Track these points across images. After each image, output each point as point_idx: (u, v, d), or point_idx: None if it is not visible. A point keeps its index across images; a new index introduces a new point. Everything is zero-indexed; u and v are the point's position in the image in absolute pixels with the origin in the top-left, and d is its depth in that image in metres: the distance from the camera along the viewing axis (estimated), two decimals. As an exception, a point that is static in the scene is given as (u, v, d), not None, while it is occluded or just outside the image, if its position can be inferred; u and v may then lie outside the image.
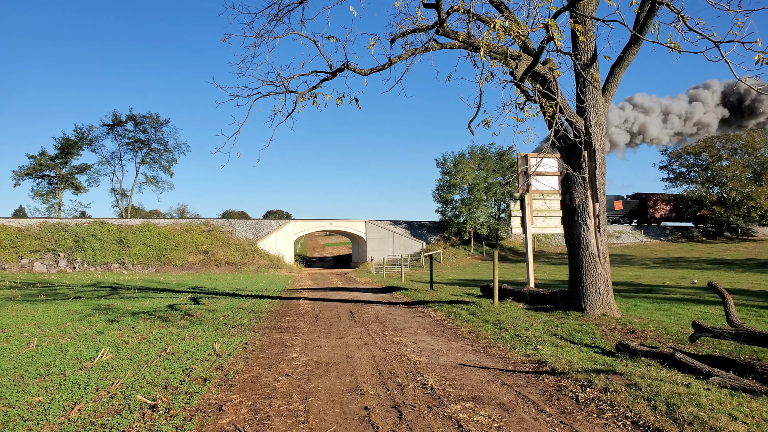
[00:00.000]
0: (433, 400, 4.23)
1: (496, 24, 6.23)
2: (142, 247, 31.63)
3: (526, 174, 11.77)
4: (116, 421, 3.63)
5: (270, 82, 8.85)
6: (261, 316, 9.39)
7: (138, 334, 7.15)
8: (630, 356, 5.41)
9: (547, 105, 7.25)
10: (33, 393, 4.26)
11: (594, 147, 8.66)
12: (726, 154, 46.90)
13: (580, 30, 7.62)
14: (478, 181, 38.33)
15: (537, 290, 10.66)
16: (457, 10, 7.02)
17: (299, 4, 8.88)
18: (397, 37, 8.32)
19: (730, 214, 45.10)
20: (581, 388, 4.41)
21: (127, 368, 5.12)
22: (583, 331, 7.17)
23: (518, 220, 11.91)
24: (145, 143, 50.43)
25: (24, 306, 10.93)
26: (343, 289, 17.02)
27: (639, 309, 10.01)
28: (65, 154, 47.04)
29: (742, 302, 11.23)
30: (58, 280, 21.47)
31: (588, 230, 8.66)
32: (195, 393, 4.32)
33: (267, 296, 13.56)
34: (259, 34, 8.74)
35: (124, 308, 10.32)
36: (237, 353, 5.99)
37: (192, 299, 12.37)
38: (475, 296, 12.53)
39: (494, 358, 5.87)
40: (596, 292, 8.53)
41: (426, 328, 8.05)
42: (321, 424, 3.70)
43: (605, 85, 8.84)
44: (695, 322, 5.60)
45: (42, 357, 5.60)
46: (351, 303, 11.94)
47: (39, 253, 29.71)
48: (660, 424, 3.51)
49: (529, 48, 8.19)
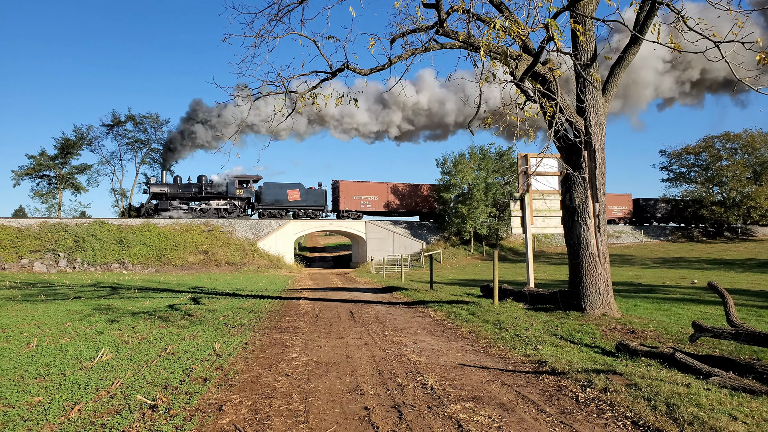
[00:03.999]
0: (433, 400, 4.23)
1: (496, 24, 6.23)
2: (142, 247, 31.63)
3: (526, 174, 11.77)
4: (116, 421, 3.63)
5: (270, 82, 8.86)
6: (261, 316, 9.39)
7: (138, 334, 7.15)
8: (630, 356, 5.41)
9: (547, 105, 7.26)
10: (33, 393, 4.26)
11: (594, 147, 8.66)
12: (726, 154, 46.94)
13: (580, 30, 7.62)
14: (478, 181, 38.32)
15: (537, 290, 10.66)
16: (456, 10, 7.02)
17: (299, 4, 8.88)
18: (397, 37, 8.32)
19: (730, 214, 45.11)
20: (581, 388, 4.41)
21: (127, 368, 5.12)
22: (583, 331, 7.17)
23: (518, 220, 11.91)
24: (145, 143, 50.45)
25: (24, 306, 10.93)
26: (343, 289, 17.02)
27: (639, 309, 10.01)
28: (65, 154, 47.00)
29: (742, 302, 11.23)
30: (58, 280, 21.47)
31: (588, 230, 8.66)
32: (195, 393, 4.32)
33: (267, 296, 13.56)
34: (259, 34, 8.74)
35: (124, 308, 10.32)
36: (237, 353, 5.99)
37: (192, 299, 12.37)
38: (475, 296, 12.53)
39: (494, 358, 5.87)
40: (596, 292, 8.53)
41: (426, 328, 8.05)
42: (321, 424, 3.70)
43: (605, 85, 8.84)
44: (695, 322, 5.60)
45: (42, 357, 5.60)
46: (351, 303, 11.94)
47: (39, 253, 29.70)
48: (660, 424, 3.51)
49: (529, 48, 8.19)
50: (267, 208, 37.13)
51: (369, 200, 39.97)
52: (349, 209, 39.12)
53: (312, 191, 38.41)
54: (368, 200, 40.05)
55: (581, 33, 7.90)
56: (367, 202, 40.05)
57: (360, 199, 39.74)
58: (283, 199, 37.36)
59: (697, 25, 6.20)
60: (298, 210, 37.99)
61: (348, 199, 39.20)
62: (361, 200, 39.80)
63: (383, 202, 40.64)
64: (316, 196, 38.38)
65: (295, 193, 37.70)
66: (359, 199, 39.73)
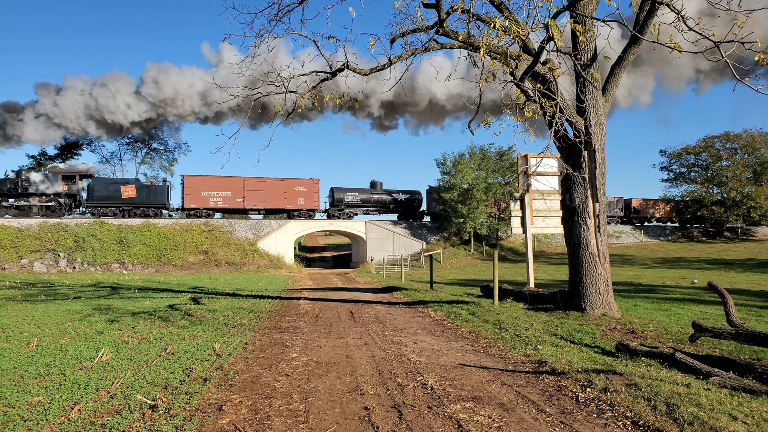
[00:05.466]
0: (433, 400, 4.23)
1: (496, 24, 6.23)
2: (142, 247, 31.63)
3: (526, 174, 11.77)
4: (116, 421, 3.63)
5: (270, 82, 8.85)
6: (261, 316, 9.39)
7: (138, 334, 7.15)
8: (630, 356, 5.41)
9: (547, 105, 7.26)
10: (33, 393, 4.26)
11: (594, 147, 8.66)
12: (726, 154, 46.94)
13: (580, 30, 7.62)
14: (477, 181, 38.33)
15: (537, 290, 10.66)
16: (456, 10, 7.02)
17: (299, 4, 8.88)
18: (397, 37, 8.32)
19: (730, 214, 45.11)
20: (581, 388, 4.41)
21: (127, 368, 5.12)
22: (583, 331, 7.17)
23: (518, 220, 11.91)
24: (145, 143, 50.48)
25: (24, 306, 10.93)
26: (343, 289, 17.02)
27: (639, 309, 10.01)
28: (65, 154, 47.06)
29: (742, 302, 11.23)
30: (58, 280, 21.48)
31: (588, 230, 8.66)
32: (195, 393, 4.32)
33: (267, 296, 13.56)
34: (259, 34, 8.74)
35: (124, 308, 10.32)
36: (237, 353, 5.99)
37: (192, 299, 12.37)
38: (475, 296, 12.53)
39: (494, 358, 5.87)
40: (596, 292, 8.53)
41: (426, 328, 8.05)
42: (321, 424, 3.70)
43: (605, 85, 8.84)
44: (695, 322, 5.60)
45: (42, 357, 5.60)
46: (351, 303, 11.94)
47: (39, 253, 29.71)
48: (660, 424, 3.51)
49: (529, 48, 8.19)
50: (98, 206, 34.20)
51: (221, 196, 36.36)
52: (197, 207, 35.93)
53: (151, 188, 35.62)
54: (219, 197, 36.41)
55: (581, 33, 7.90)
56: (218, 199, 36.40)
57: (209, 196, 36.20)
58: (117, 196, 34.42)
59: (697, 25, 6.20)
60: (135, 208, 35.18)
61: (195, 196, 35.84)
62: (211, 197, 36.24)
63: (238, 198, 36.85)
64: (156, 193, 35.43)
65: (130, 190, 34.78)
66: (208, 195, 36.18)
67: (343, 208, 39.78)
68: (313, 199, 38.59)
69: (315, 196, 38.72)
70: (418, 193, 42.73)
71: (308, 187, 38.54)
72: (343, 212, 39.90)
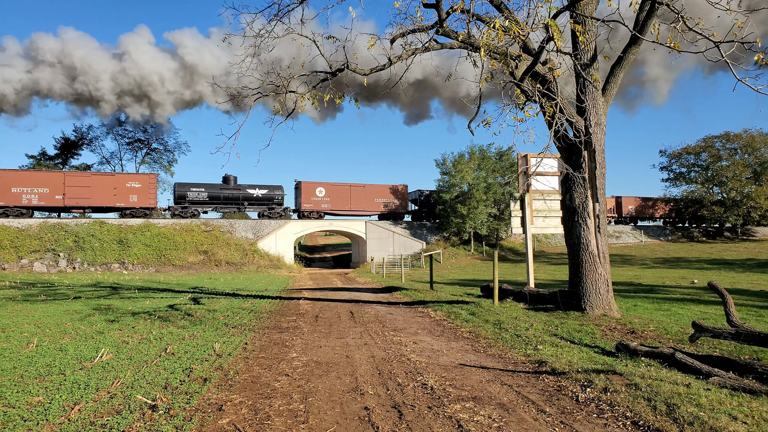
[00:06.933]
0: (433, 400, 4.23)
1: (496, 24, 6.23)
2: (142, 247, 31.62)
3: (526, 174, 11.77)
4: (116, 421, 3.63)
5: (270, 82, 8.85)
6: (261, 316, 9.39)
7: (138, 334, 7.15)
8: (630, 356, 5.41)
9: (547, 105, 7.26)
10: (33, 393, 4.26)
11: (594, 147, 8.66)
12: (726, 154, 46.96)
13: (580, 30, 7.62)
14: (477, 181, 38.33)
15: (537, 290, 10.66)
16: (456, 10, 7.02)
17: (299, 4, 8.89)
18: (397, 37, 8.32)
19: (730, 214, 45.12)
20: (581, 388, 4.41)
21: (127, 368, 5.12)
22: (583, 331, 7.17)
23: (518, 220, 11.91)
24: (145, 143, 50.48)
25: (24, 306, 10.92)
26: (343, 289, 17.02)
27: (639, 309, 10.01)
28: (65, 154, 47.06)
29: (742, 302, 11.23)
30: (58, 280, 21.47)
31: (588, 230, 8.66)
32: (195, 393, 4.32)
33: (267, 296, 13.56)
34: (259, 34, 8.74)
35: (124, 308, 10.32)
36: (237, 353, 5.99)
37: (192, 299, 12.37)
38: (475, 296, 12.53)
39: (494, 358, 5.87)
40: (596, 292, 8.53)
41: (426, 328, 8.05)
42: (321, 424, 3.70)
43: (605, 85, 8.84)
44: (695, 322, 5.60)
45: (42, 357, 5.60)
46: (351, 303, 11.94)
47: (39, 253, 29.70)
48: (660, 424, 3.51)
49: (529, 48, 8.19)
50: None
51: (36, 193, 32.65)
52: (6, 204, 31.91)
53: None
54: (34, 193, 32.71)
55: (581, 33, 7.90)
56: (33, 196, 32.62)
57: (22, 193, 32.33)
58: None
59: (697, 25, 6.20)
60: None
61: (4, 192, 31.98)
62: (24, 194, 32.40)
63: (57, 195, 33.13)
64: None
65: None
66: (20, 192, 32.28)
67: (187, 206, 35.75)
68: (148, 195, 34.73)
69: (151, 193, 34.93)
70: (278, 188, 37.90)
71: (143, 183, 34.81)
72: (187, 210, 35.77)
